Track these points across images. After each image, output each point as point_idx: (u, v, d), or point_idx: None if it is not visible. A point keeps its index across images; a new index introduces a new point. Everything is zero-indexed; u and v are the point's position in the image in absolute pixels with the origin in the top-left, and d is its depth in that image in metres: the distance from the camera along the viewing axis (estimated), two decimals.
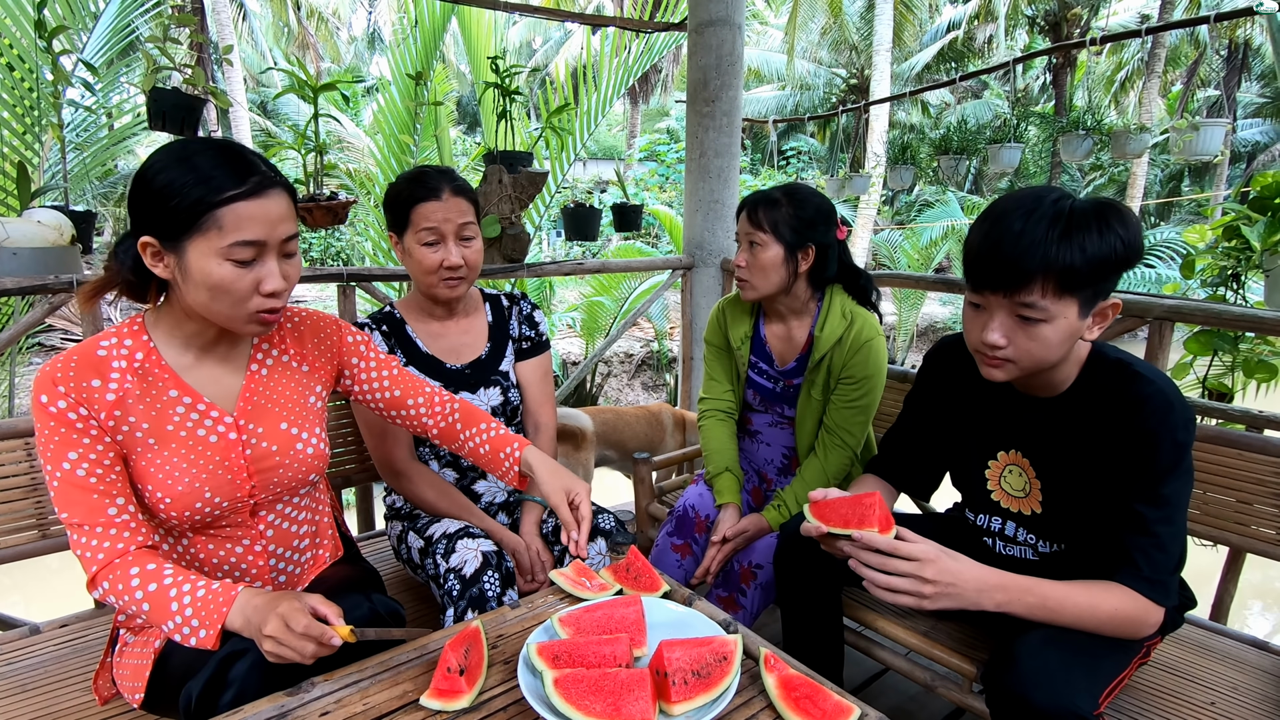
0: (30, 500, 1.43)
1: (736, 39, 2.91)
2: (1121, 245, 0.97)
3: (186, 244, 0.94)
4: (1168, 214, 16.53)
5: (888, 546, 0.98)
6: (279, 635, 0.87)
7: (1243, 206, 2.03)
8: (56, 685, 1.22)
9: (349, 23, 23.52)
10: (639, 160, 16.06)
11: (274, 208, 0.97)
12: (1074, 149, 4.08)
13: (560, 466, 1.21)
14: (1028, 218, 0.98)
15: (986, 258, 1.01)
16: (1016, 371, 1.07)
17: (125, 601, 0.94)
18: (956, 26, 16.20)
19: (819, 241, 1.60)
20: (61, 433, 0.96)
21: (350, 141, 12.00)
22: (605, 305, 7.90)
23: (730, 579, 1.60)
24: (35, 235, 1.72)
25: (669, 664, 0.87)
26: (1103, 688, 1.03)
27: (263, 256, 0.97)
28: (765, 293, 1.62)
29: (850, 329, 1.61)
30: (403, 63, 4.87)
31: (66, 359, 0.98)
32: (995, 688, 1.03)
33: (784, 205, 1.58)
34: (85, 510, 0.96)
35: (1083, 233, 0.96)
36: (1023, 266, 0.98)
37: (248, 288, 0.97)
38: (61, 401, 0.96)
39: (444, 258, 1.46)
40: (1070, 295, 0.99)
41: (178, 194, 0.92)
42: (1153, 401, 1.03)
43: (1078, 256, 0.96)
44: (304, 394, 1.16)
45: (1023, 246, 0.98)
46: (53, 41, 1.88)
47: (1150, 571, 1.03)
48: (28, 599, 4.70)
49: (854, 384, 1.61)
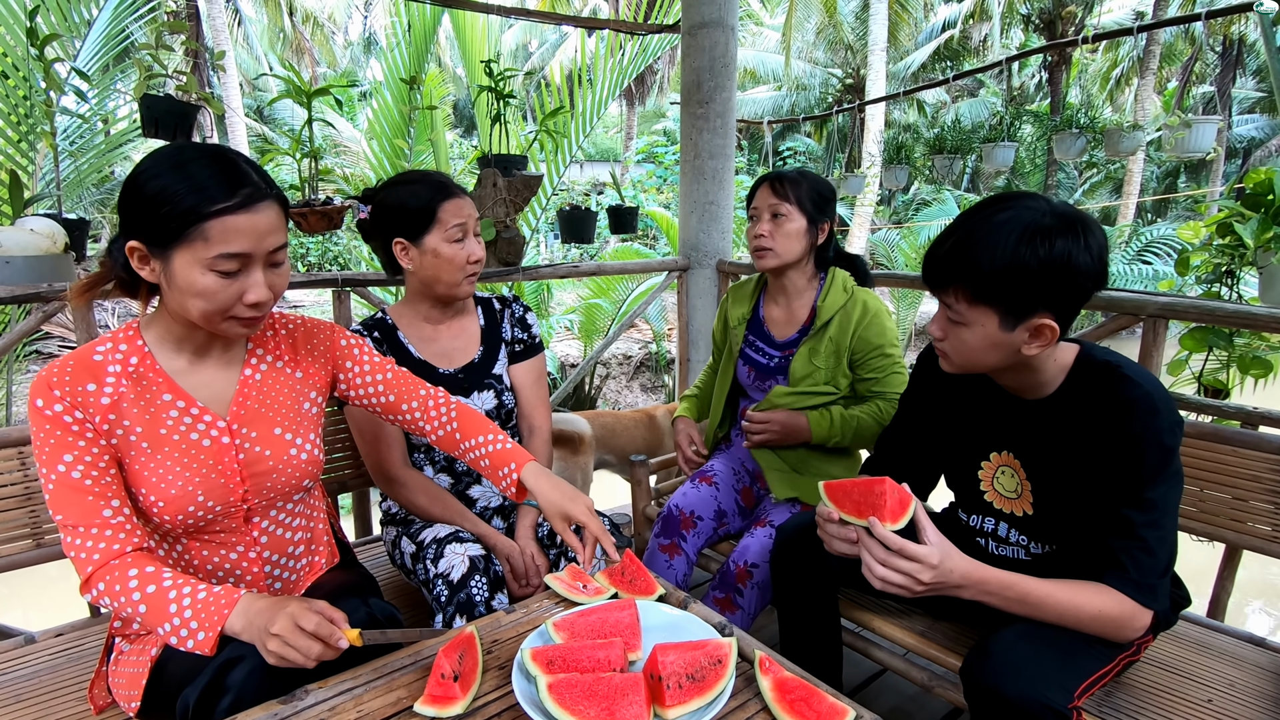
0: (25, 509, 1.43)
1: (730, 41, 2.91)
2: (1038, 262, 0.97)
3: (173, 252, 0.94)
4: (1164, 210, 16.56)
5: (895, 546, 0.99)
6: (287, 634, 0.87)
7: (1236, 203, 2.03)
8: (52, 695, 1.22)
9: (344, 27, 23.52)
10: (636, 162, 16.06)
11: (262, 220, 0.96)
12: (1067, 147, 4.09)
13: (560, 483, 1.17)
14: (967, 222, 1.03)
15: (929, 254, 1.07)
16: (955, 365, 1.13)
17: (121, 604, 0.94)
18: (952, 25, 16.23)
19: (831, 219, 1.72)
20: (57, 435, 0.96)
21: (347, 145, 12.01)
22: (603, 307, 7.91)
23: (727, 579, 1.60)
24: (28, 244, 1.72)
25: (663, 668, 0.87)
26: (1079, 682, 1.03)
27: (248, 268, 0.97)
28: (787, 260, 1.68)
29: (853, 301, 1.67)
30: (395, 67, 4.87)
31: (63, 364, 0.98)
32: (969, 680, 1.06)
33: (804, 181, 1.68)
34: (80, 512, 0.96)
35: (1004, 246, 0.98)
36: (942, 268, 1.04)
37: (231, 298, 0.97)
38: (58, 405, 0.96)
39: (470, 252, 1.50)
40: (984, 304, 1.02)
41: (168, 203, 0.92)
42: (1139, 405, 1.03)
43: (987, 269, 0.99)
44: (298, 400, 1.16)
45: (946, 249, 1.03)
46: (45, 49, 1.88)
47: (1137, 574, 1.03)
48: (23, 608, 4.69)
49: (879, 354, 1.66)
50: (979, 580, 1.03)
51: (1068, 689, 1.01)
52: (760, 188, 1.70)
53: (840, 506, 1.05)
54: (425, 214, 1.47)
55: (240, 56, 17.09)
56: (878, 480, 1.03)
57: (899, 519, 1.00)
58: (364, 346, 1.25)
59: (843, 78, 17.43)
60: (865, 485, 1.04)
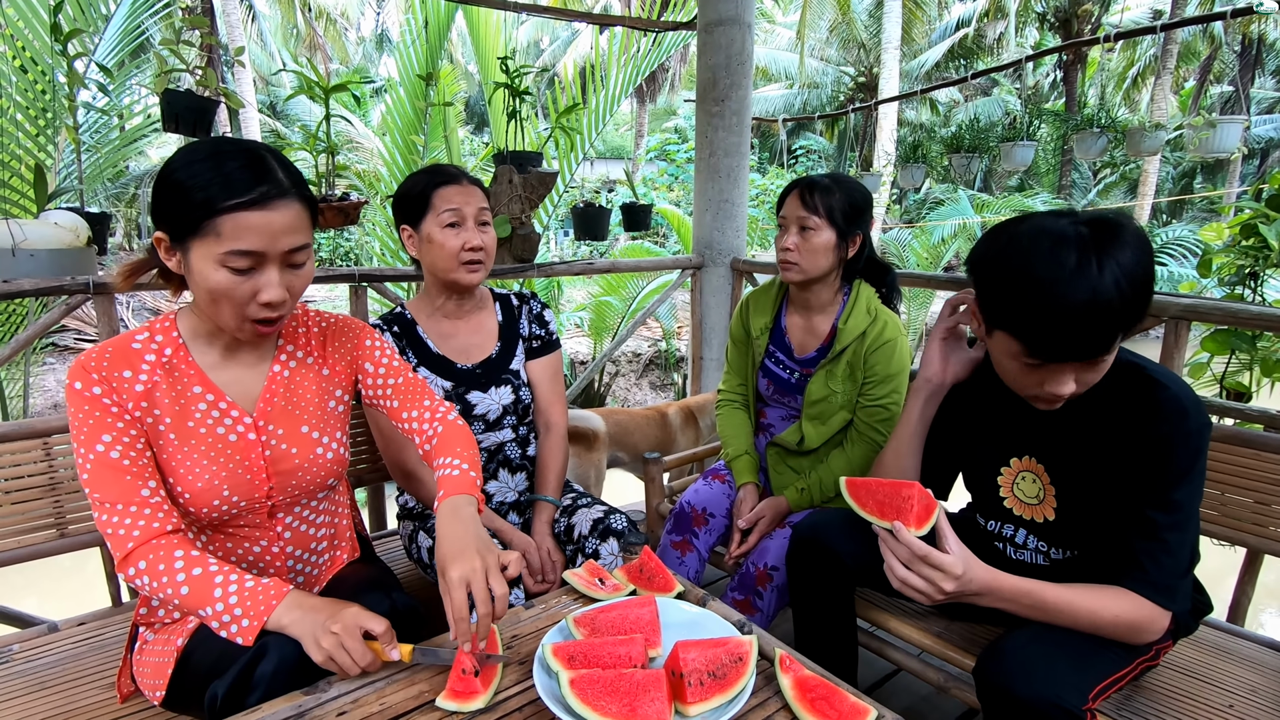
0: (49, 500, 1.45)
1: (746, 38, 2.90)
2: (1151, 279, 0.95)
3: (190, 244, 0.95)
4: (1180, 212, 16.37)
5: (920, 551, 0.99)
6: (346, 635, 0.89)
7: (1260, 204, 2.01)
8: (75, 683, 1.23)
9: (357, 24, 23.58)
10: (647, 160, 16.05)
11: (278, 219, 0.95)
12: (1088, 147, 4.05)
13: (462, 531, 0.98)
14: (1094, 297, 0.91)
15: (1065, 343, 0.95)
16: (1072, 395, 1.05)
17: (162, 583, 0.94)
18: (966, 24, 16.10)
19: (864, 230, 1.63)
20: (96, 416, 0.97)
21: (360, 142, 12.06)
22: (613, 305, 7.91)
23: (746, 581, 1.60)
24: (52, 237, 1.74)
25: (684, 665, 0.87)
26: (1093, 684, 1.02)
27: (262, 266, 0.96)
28: (812, 276, 1.62)
29: (874, 326, 1.62)
30: (410, 63, 4.88)
31: (101, 350, 1.00)
32: (982, 680, 1.05)
33: (836, 191, 1.59)
34: (119, 490, 0.96)
35: (1145, 294, 0.94)
36: (1105, 345, 0.95)
37: (245, 295, 0.97)
38: (96, 388, 0.98)
39: (466, 240, 1.48)
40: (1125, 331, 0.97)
41: (187, 194, 0.93)
42: (1169, 406, 1.02)
43: (1142, 309, 0.94)
44: (325, 398, 1.17)
45: (1102, 329, 0.93)
46: (68, 45, 1.90)
47: (1157, 576, 1.02)
48: (39, 597, 4.75)
49: (878, 383, 1.62)
50: (998, 589, 1.03)
51: (1082, 690, 1.01)
52: (790, 196, 1.63)
53: (863, 505, 1.05)
54: (421, 199, 1.49)
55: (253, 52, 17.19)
56: (906, 484, 1.03)
57: (923, 525, 1.00)
58: (386, 349, 1.23)
59: (855, 76, 17.33)
60: (893, 487, 1.04)
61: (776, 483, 1.74)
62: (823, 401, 1.66)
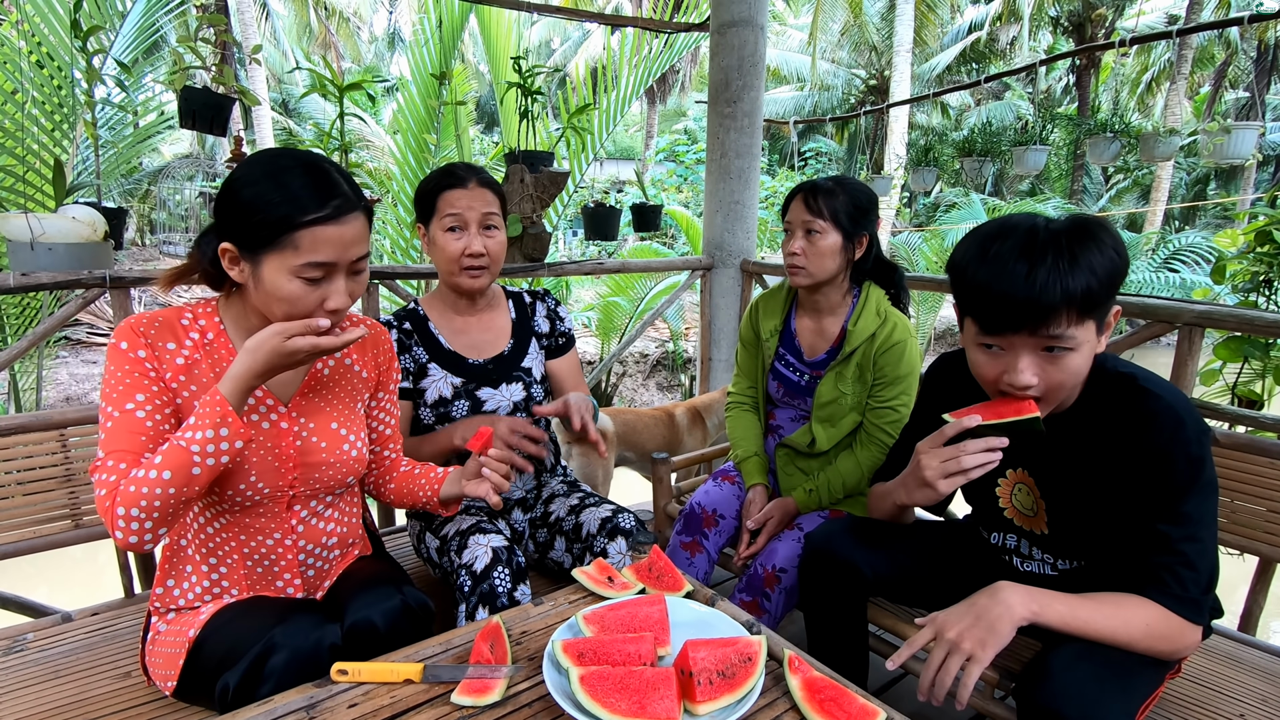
0: (64, 490, 1.46)
1: (759, 40, 2.90)
2: (1117, 255, 0.98)
3: (263, 257, 0.98)
4: (1192, 218, 16.25)
5: None
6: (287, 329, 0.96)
7: (1275, 211, 1.99)
8: (88, 672, 1.25)
9: (370, 22, 23.70)
10: (657, 161, 16.05)
11: (349, 231, 1.00)
12: (1101, 151, 4.03)
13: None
14: (1031, 252, 0.97)
15: (1002, 300, 0.98)
16: (1048, 408, 1.05)
17: (148, 490, 0.92)
18: (979, 27, 16.04)
19: (870, 231, 1.63)
20: (134, 377, 1.00)
21: (371, 140, 12.11)
22: (621, 305, 7.90)
23: (754, 583, 1.60)
24: (70, 231, 1.75)
25: (694, 664, 0.87)
26: (1138, 705, 1.00)
27: (331, 276, 1.01)
28: (819, 279, 1.62)
29: (883, 327, 1.62)
30: (422, 62, 4.90)
31: (151, 316, 1.04)
32: (1026, 701, 1.01)
33: (839, 193, 1.59)
34: (130, 452, 0.97)
35: (1088, 254, 0.96)
36: (1045, 301, 0.95)
37: (313, 303, 1.01)
38: (141, 350, 1.01)
39: (466, 245, 1.48)
40: (1090, 317, 0.99)
41: (262, 210, 0.96)
42: (1162, 417, 1.00)
43: (1093, 279, 0.96)
44: (355, 398, 1.22)
45: (1041, 282, 0.96)
46: (87, 41, 1.92)
47: (1180, 589, 0.99)
48: (49, 587, 4.79)
49: (887, 384, 1.62)
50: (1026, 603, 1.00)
51: (1129, 712, 0.98)
52: (794, 201, 1.63)
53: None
54: (429, 201, 1.50)
55: (267, 50, 17.30)
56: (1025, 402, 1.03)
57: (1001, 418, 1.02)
58: (398, 379, 1.33)
59: (866, 78, 17.29)
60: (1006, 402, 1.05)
61: (785, 484, 1.74)
62: (833, 403, 1.66)
